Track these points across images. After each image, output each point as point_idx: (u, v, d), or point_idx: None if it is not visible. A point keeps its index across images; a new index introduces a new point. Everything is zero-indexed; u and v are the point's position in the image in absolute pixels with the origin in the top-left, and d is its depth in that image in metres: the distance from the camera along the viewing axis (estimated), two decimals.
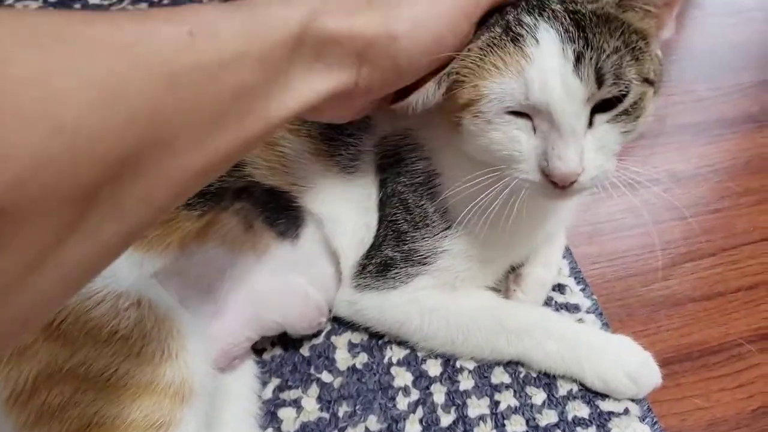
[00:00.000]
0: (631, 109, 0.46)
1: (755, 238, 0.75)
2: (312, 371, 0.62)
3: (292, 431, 0.58)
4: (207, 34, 0.35)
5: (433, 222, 0.58)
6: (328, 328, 0.65)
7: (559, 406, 0.58)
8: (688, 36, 1.07)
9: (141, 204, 0.33)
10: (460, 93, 0.48)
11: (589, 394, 0.59)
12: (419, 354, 0.63)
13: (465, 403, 0.59)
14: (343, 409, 0.59)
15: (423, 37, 0.45)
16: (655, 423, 0.57)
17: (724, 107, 0.92)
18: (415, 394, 0.60)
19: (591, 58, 0.43)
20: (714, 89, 0.95)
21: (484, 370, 0.61)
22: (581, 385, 0.59)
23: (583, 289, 0.68)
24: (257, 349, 0.63)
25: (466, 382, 0.61)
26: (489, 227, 0.53)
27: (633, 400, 0.58)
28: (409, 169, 0.58)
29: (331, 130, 0.59)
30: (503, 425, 0.57)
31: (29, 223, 0.27)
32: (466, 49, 0.47)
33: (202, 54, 0.34)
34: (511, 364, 0.61)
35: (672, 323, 0.66)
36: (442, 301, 0.60)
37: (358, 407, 0.59)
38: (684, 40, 1.05)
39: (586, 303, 0.67)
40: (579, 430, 0.57)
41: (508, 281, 0.65)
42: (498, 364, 0.61)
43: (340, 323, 0.65)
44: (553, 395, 0.59)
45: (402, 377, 0.61)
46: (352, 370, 0.62)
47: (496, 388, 0.60)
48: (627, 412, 0.58)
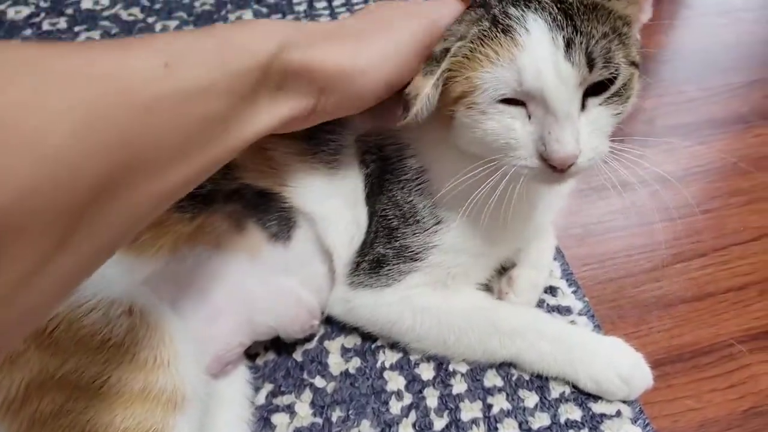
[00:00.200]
0: (621, 91, 0.48)
1: (745, 238, 0.75)
2: (305, 376, 0.62)
3: None
4: (180, 65, 0.37)
5: (424, 218, 0.58)
6: (321, 332, 0.65)
7: (552, 409, 0.58)
8: (679, 36, 1.07)
9: (117, 224, 0.35)
10: (453, 87, 0.49)
11: (582, 397, 0.59)
12: (412, 358, 0.63)
13: (458, 407, 0.59)
14: (336, 414, 0.59)
15: (383, 72, 0.49)
16: (647, 425, 0.57)
17: (714, 108, 0.92)
18: (408, 398, 0.60)
19: (581, 43, 0.44)
20: (704, 90, 0.95)
21: (476, 373, 0.61)
22: (573, 387, 0.59)
23: (574, 291, 0.68)
24: (250, 354, 0.63)
25: (458, 386, 0.60)
26: (478, 218, 0.54)
27: (625, 402, 0.59)
28: (396, 166, 0.58)
29: (311, 128, 0.59)
30: (496, 428, 0.57)
31: (14, 247, 0.28)
32: (456, 46, 0.48)
33: (174, 85, 0.36)
34: (503, 367, 0.61)
35: (663, 324, 0.67)
36: (435, 301, 0.60)
37: (351, 412, 0.59)
38: (674, 40, 1.06)
39: (577, 305, 0.67)
40: None
41: (500, 283, 0.65)
42: (490, 367, 0.62)
43: (333, 328, 0.65)
44: (545, 398, 0.59)
45: (395, 381, 0.61)
46: (345, 374, 0.62)
47: (489, 392, 0.60)
48: (619, 414, 0.58)
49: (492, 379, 0.61)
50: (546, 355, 0.59)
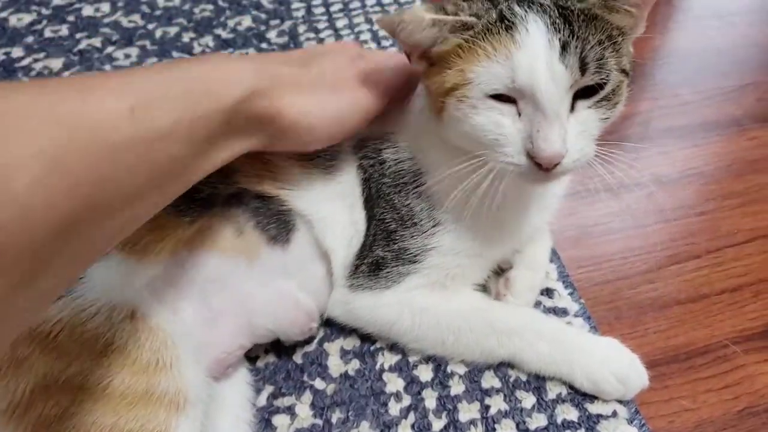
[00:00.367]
0: (610, 96, 0.49)
1: (739, 240, 0.76)
2: (305, 378, 0.62)
3: None
4: (145, 110, 0.38)
5: (421, 220, 0.59)
6: (321, 334, 0.65)
7: (549, 410, 0.59)
8: (673, 40, 1.08)
9: (78, 258, 0.38)
10: (447, 78, 0.49)
11: (578, 398, 0.59)
12: (411, 360, 0.63)
13: (456, 408, 0.59)
14: (336, 416, 0.59)
15: (331, 130, 0.54)
16: (643, 425, 0.57)
17: (708, 111, 0.93)
18: (406, 400, 0.60)
19: (576, 47, 0.46)
20: (698, 93, 0.96)
21: (474, 374, 0.62)
22: (570, 388, 0.60)
23: (571, 293, 0.69)
24: (251, 356, 0.63)
25: (456, 387, 0.61)
26: (475, 219, 0.55)
27: (621, 403, 0.59)
28: (394, 170, 0.59)
29: None
30: (494, 429, 0.58)
31: None
32: (460, 31, 0.49)
33: (139, 129, 0.38)
34: (501, 369, 0.62)
35: (659, 325, 0.67)
36: (434, 302, 0.60)
37: (350, 413, 0.60)
38: (669, 44, 1.06)
39: (574, 307, 0.67)
40: None
41: (497, 285, 0.65)
42: (488, 368, 0.62)
43: (333, 330, 0.66)
44: (542, 399, 0.59)
45: (394, 383, 0.62)
46: (345, 376, 0.62)
47: (487, 393, 0.60)
48: (615, 414, 0.58)
49: (490, 380, 0.61)
50: (543, 355, 0.59)
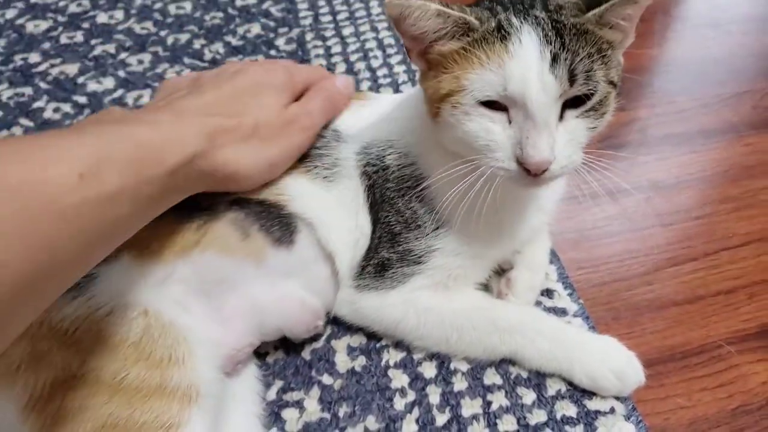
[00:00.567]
0: (597, 106, 0.50)
1: (734, 243, 0.76)
2: (313, 374, 0.63)
3: (295, 431, 0.59)
4: (94, 174, 0.41)
5: (424, 223, 0.60)
6: (328, 332, 0.66)
7: (548, 406, 0.60)
8: (671, 49, 1.08)
9: (29, 315, 0.40)
10: (443, 84, 0.51)
11: (577, 394, 0.60)
12: (415, 357, 0.64)
13: (459, 404, 0.60)
14: (343, 410, 0.60)
15: (266, 175, 0.58)
16: (640, 421, 0.58)
17: (705, 118, 0.94)
18: (411, 395, 0.61)
19: (566, 59, 0.47)
20: (695, 100, 0.97)
21: (476, 371, 0.62)
22: (569, 385, 0.61)
23: (570, 294, 0.69)
24: (260, 353, 0.64)
25: (459, 384, 0.62)
26: (475, 222, 0.56)
27: (618, 399, 0.60)
28: (397, 175, 0.60)
29: None
30: (495, 424, 0.59)
31: None
32: (459, 36, 0.50)
33: (88, 193, 0.40)
34: (502, 366, 0.63)
35: (655, 326, 0.68)
36: (437, 301, 0.61)
37: (357, 408, 0.61)
38: (666, 53, 1.07)
39: (573, 307, 0.68)
40: (567, 428, 0.58)
41: (499, 285, 0.66)
42: (490, 365, 0.63)
43: (340, 328, 0.67)
44: (542, 395, 0.60)
45: (399, 379, 0.63)
46: (352, 372, 0.63)
47: (489, 389, 0.61)
48: (613, 411, 0.59)
49: (491, 377, 0.62)
50: (544, 352, 0.60)
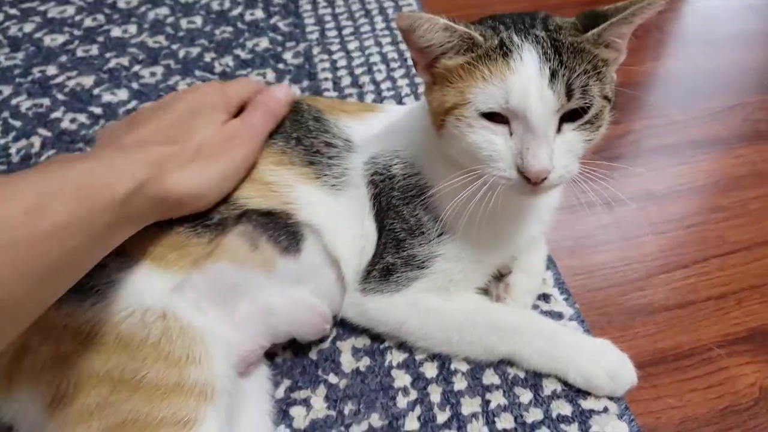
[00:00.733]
0: (593, 120, 0.53)
1: (724, 251, 0.78)
2: (320, 373, 0.65)
3: (302, 428, 0.61)
4: (41, 208, 0.41)
5: (428, 230, 0.62)
6: (334, 334, 0.68)
7: (545, 405, 0.61)
8: (664, 65, 1.10)
9: None
10: (447, 96, 0.54)
11: (572, 394, 0.62)
12: (417, 357, 0.65)
13: (459, 402, 0.62)
14: (348, 408, 0.62)
15: (218, 191, 0.58)
16: (632, 420, 0.60)
17: (697, 130, 0.96)
18: (413, 394, 0.63)
19: (563, 75, 0.50)
20: (687, 113, 0.98)
21: (476, 372, 0.64)
22: (565, 385, 0.62)
23: (566, 299, 0.71)
24: (269, 353, 0.65)
25: (459, 383, 0.63)
26: (477, 229, 0.58)
27: (612, 399, 0.61)
28: (403, 184, 0.63)
29: (312, 155, 0.64)
30: (493, 422, 0.60)
31: None
32: (464, 51, 0.53)
33: (36, 227, 0.41)
34: (500, 367, 0.64)
35: (648, 330, 0.70)
36: (440, 304, 0.63)
37: (362, 406, 0.62)
38: (660, 68, 1.08)
39: (568, 311, 0.70)
40: (562, 426, 0.60)
41: (497, 289, 0.68)
42: (489, 366, 0.64)
43: (345, 330, 0.68)
44: (539, 395, 0.62)
45: (401, 379, 0.64)
46: (356, 372, 0.65)
47: (487, 389, 0.63)
48: (606, 410, 0.61)
49: (490, 377, 0.64)
50: (541, 352, 0.62)
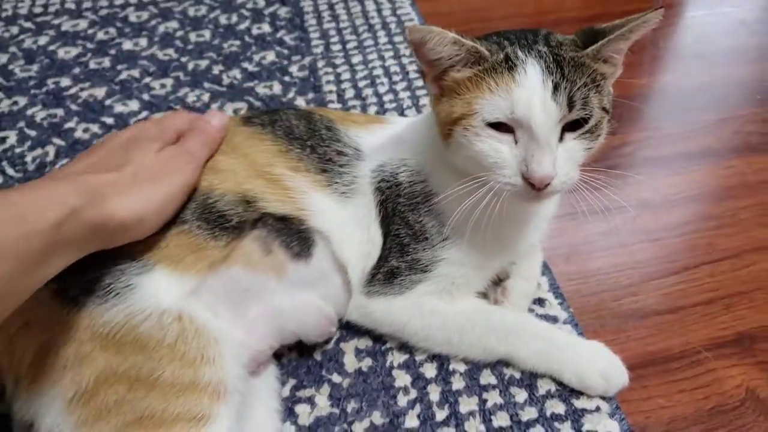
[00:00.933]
0: (593, 129, 0.56)
1: (714, 258, 0.80)
2: (324, 373, 0.67)
3: (307, 424, 0.63)
4: None
5: (432, 235, 0.64)
6: (338, 335, 0.70)
7: (539, 404, 0.63)
8: (660, 78, 1.12)
9: None
10: (455, 107, 0.56)
11: (566, 393, 0.64)
12: (417, 358, 0.67)
13: (457, 401, 0.64)
14: (351, 406, 0.64)
15: (160, 216, 0.57)
16: (623, 419, 0.62)
17: (690, 142, 0.98)
18: (413, 393, 0.65)
19: (565, 88, 0.53)
20: (680, 126, 1.01)
21: (473, 372, 0.66)
22: (559, 385, 0.64)
23: (560, 303, 0.73)
24: (276, 354, 0.67)
25: (458, 383, 0.65)
26: (478, 235, 0.61)
27: (604, 399, 0.63)
28: (408, 191, 0.65)
29: (325, 163, 0.66)
30: (490, 420, 0.62)
31: None
32: (472, 63, 0.56)
33: None
34: (497, 367, 0.66)
35: (639, 333, 0.72)
36: (441, 306, 0.65)
37: (364, 404, 0.64)
38: (655, 82, 1.11)
39: (563, 315, 0.72)
40: (556, 424, 0.62)
41: (495, 293, 0.71)
42: (486, 366, 0.66)
43: (348, 332, 0.70)
44: (533, 394, 0.64)
45: (402, 379, 0.66)
46: (359, 372, 0.67)
47: (484, 388, 0.65)
48: (598, 409, 0.63)
49: (487, 377, 0.66)
50: (537, 353, 0.64)
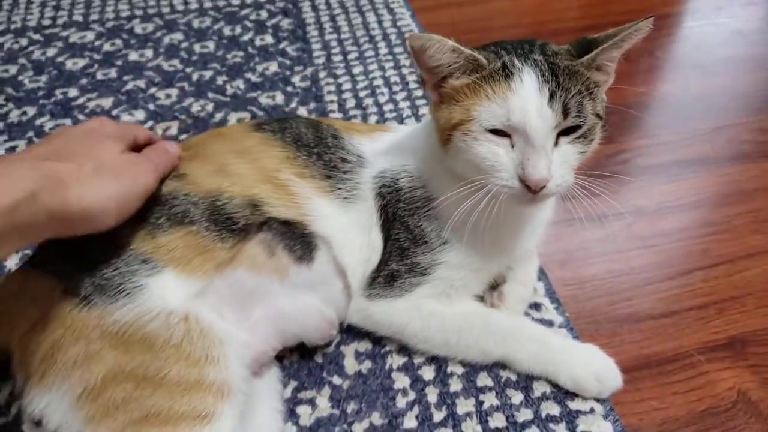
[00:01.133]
0: (587, 134, 0.58)
1: (708, 264, 0.82)
2: (324, 375, 0.68)
3: (308, 425, 0.64)
4: None
5: (431, 239, 0.65)
6: (338, 338, 0.71)
7: (534, 406, 0.64)
8: (656, 87, 1.13)
9: None
10: (454, 113, 0.58)
11: (561, 395, 0.65)
12: (416, 361, 0.68)
13: (454, 403, 0.65)
14: (351, 407, 0.65)
15: (128, 204, 0.56)
16: (617, 420, 0.63)
17: (686, 150, 0.99)
18: (412, 395, 0.66)
19: (560, 96, 0.55)
20: (676, 134, 1.02)
21: (470, 374, 0.67)
22: (554, 387, 0.66)
23: (556, 307, 0.74)
24: (278, 356, 0.68)
25: (455, 385, 0.66)
26: (476, 239, 0.62)
27: (598, 401, 0.64)
28: (408, 196, 0.66)
29: (330, 170, 0.68)
30: (486, 421, 0.63)
31: None
32: (470, 72, 0.58)
33: None
34: (493, 370, 0.67)
35: (633, 337, 0.73)
36: (440, 308, 0.67)
37: (363, 405, 0.65)
38: (652, 90, 1.12)
39: (558, 319, 0.73)
40: (551, 425, 0.63)
41: (492, 297, 0.72)
42: (483, 369, 0.67)
43: (348, 335, 0.71)
44: (529, 396, 0.65)
45: (401, 381, 0.67)
46: (359, 374, 0.68)
47: (481, 390, 0.66)
48: (592, 411, 0.64)
49: (484, 379, 0.67)
50: (533, 355, 0.66)
